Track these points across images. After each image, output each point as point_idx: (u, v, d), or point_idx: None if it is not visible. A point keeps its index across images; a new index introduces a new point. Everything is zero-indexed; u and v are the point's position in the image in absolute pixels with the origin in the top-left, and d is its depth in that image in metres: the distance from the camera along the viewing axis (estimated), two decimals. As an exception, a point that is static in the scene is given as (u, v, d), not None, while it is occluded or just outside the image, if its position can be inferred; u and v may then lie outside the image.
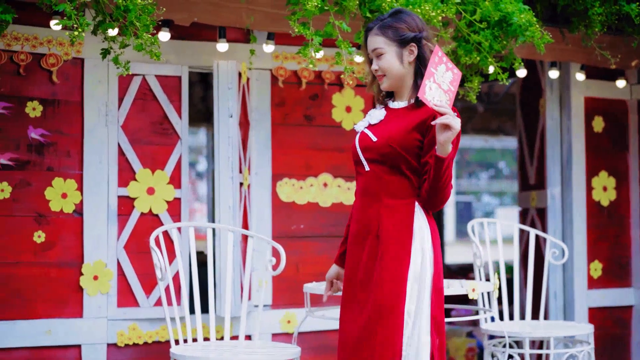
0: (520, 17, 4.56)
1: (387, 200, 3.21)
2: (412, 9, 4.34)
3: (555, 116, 6.35)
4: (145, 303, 4.96)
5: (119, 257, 4.92)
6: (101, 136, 4.88)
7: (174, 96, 5.06)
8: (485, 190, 20.50)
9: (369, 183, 3.25)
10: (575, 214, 6.24)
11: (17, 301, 4.70)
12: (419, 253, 3.17)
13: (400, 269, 3.15)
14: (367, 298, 3.19)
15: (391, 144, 3.17)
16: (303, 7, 4.14)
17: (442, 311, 3.20)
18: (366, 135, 3.26)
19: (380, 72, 3.27)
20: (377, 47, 3.26)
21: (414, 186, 3.20)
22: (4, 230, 4.67)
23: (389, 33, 3.25)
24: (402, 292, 3.14)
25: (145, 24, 3.87)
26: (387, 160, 3.19)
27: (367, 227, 3.23)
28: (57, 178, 4.80)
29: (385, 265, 3.16)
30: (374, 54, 3.27)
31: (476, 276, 5.02)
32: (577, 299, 6.21)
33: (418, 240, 3.18)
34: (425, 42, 3.25)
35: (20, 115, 4.73)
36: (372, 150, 3.23)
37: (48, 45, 4.76)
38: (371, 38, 3.28)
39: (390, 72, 3.25)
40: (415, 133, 3.15)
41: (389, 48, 3.25)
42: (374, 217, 3.22)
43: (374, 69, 3.27)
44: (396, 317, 3.12)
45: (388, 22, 3.27)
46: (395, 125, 3.21)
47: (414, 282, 3.16)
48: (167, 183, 5.01)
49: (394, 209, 3.20)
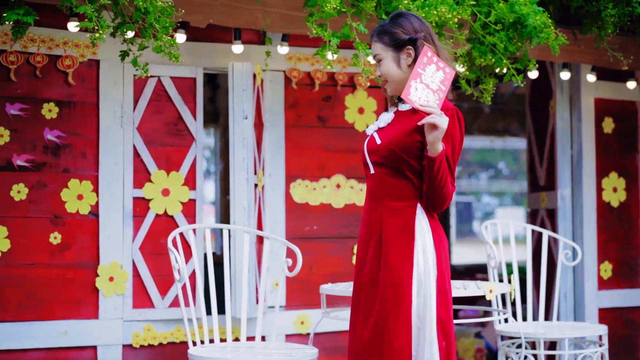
0: (536, 18, 4.57)
1: (390, 203, 3.21)
2: (428, 10, 4.35)
3: (565, 117, 6.36)
4: (161, 304, 4.97)
5: (134, 258, 4.93)
6: (116, 138, 4.89)
7: (189, 97, 5.08)
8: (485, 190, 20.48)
9: (374, 185, 3.27)
10: (586, 215, 6.25)
11: (33, 302, 4.71)
12: (421, 255, 3.17)
13: (403, 272, 3.15)
14: (373, 302, 3.20)
15: (392, 147, 3.18)
16: (321, 9, 4.16)
17: (449, 313, 3.20)
18: (373, 139, 3.28)
19: (382, 77, 3.29)
20: (376, 53, 3.28)
21: (417, 188, 3.20)
22: (20, 231, 4.68)
23: (385, 39, 3.26)
24: (407, 295, 3.14)
25: (164, 25, 3.88)
26: (389, 162, 3.20)
27: (371, 230, 3.25)
28: (73, 179, 4.81)
29: (388, 268, 3.17)
30: (375, 60, 3.30)
31: (490, 277, 5.03)
32: (587, 300, 6.22)
33: (420, 242, 3.17)
34: (422, 43, 3.23)
35: (37, 116, 4.74)
36: (377, 153, 3.24)
37: (64, 47, 4.77)
38: (373, 45, 3.31)
39: (389, 77, 3.26)
40: (416, 134, 3.14)
41: (386, 54, 3.26)
42: (377, 219, 3.23)
43: (377, 75, 3.29)
44: (403, 320, 3.13)
45: (385, 28, 3.28)
46: (398, 127, 3.22)
47: (419, 285, 3.16)
48: (181, 184, 5.03)
49: (397, 211, 3.21)
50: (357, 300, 3.29)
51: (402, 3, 4.36)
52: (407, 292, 3.14)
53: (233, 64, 4.98)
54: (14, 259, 4.67)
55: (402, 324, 3.12)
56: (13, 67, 4.66)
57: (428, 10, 4.37)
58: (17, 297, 4.67)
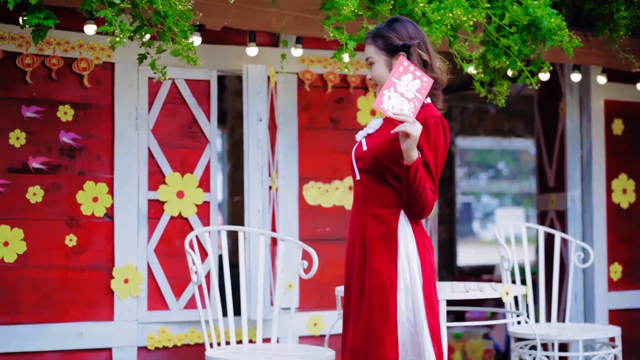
0: (550, 21, 4.59)
1: (374, 209, 3.22)
2: (444, 13, 4.37)
3: (575, 119, 6.37)
4: (175, 306, 4.98)
5: (149, 260, 4.94)
6: (131, 140, 4.90)
7: (203, 100, 5.09)
8: (484, 191, 20.49)
9: (360, 192, 3.28)
10: (596, 217, 6.26)
11: (49, 304, 4.72)
12: (405, 262, 3.17)
13: (388, 278, 3.16)
14: (361, 307, 3.21)
15: (376, 154, 3.19)
16: (337, 12, 4.17)
17: (437, 319, 3.21)
18: (361, 145, 3.29)
19: (372, 81, 3.29)
20: (369, 56, 3.28)
21: (400, 195, 3.19)
22: (36, 233, 4.69)
23: (379, 42, 3.27)
24: (392, 300, 3.15)
25: (183, 29, 3.89)
26: (374, 169, 3.21)
27: (356, 236, 3.26)
28: (89, 182, 4.82)
29: (372, 274, 3.18)
30: (368, 62, 3.29)
31: (504, 279, 5.03)
32: (598, 301, 6.24)
33: (403, 249, 3.18)
34: (415, 50, 3.24)
35: (52, 119, 4.75)
36: (363, 159, 3.25)
37: (79, 50, 4.78)
38: (366, 47, 3.30)
39: (380, 81, 3.26)
40: (399, 142, 3.13)
41: (379, 57, 3.26)
42: (361, 225, 3.24)
43: (368, 78, 3.30)
44: (388, 326, 3.14)
45: (380, 32, 3.28)
46: (383, 134, 3.22)
47: (407, 291, 3.16)
48: (196, 186, 5.04)
49: (380, 217, 3.21)
50: (348, 305, 3.32)
51: (417, 6, 4.37)
52: (392, 297, 3.15)
53: (247, 67, 4.99)
54: (30, 261, 4.68)
55: (387, 329, 3.13)
56: (29, 69, 4.67)
57: (443, 13, 4.38)
58: (33, 299, 4.68)
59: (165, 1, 3.79)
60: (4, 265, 4.62)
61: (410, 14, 4.41)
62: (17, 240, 4.64)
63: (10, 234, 4.63)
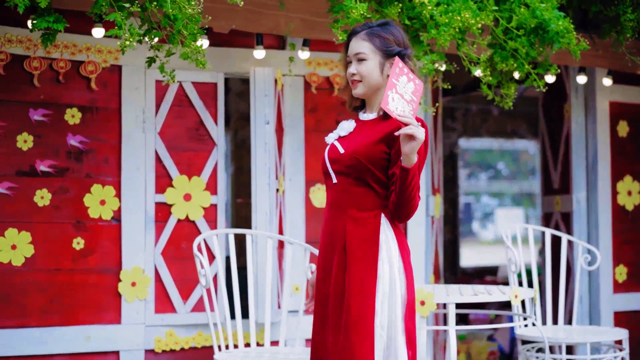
0: (558, 24, 4.59)
1: (354, 213, 3.19)
2: (452, 16, 4.36)
3: (580, 121, 6.37)
4: (182, 309, 4.98)
5: (156, 263, 4.93)
6: (138, 143, 4.90)
7: (210, 102, 5.08)
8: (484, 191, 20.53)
9: (336, 195, 3.23)
10: (601, 219, 6.27)
11: (57, 307, 4.71)
12: (386, 266, 3.15)
13: (367, 283, 3.13)
14: (340, 312, 3.17)
15: (357, 156, 3.15)
16: (346, 15, 4.16)
17: (414, 324, 3.20)
18: (335, 148, 3.25)
19: (357, 77, 3.23)
20: (361, 51, 3.22)
21: (381, 198, 3.18)
22: (44, 237, 4.69)
23: (376, 41, 3.23)
24: (370, 306, 3.12)
25: (192, 32, 3.88)
26: (353, 172, 3.17)
27: (334, 240, 3.22)
28: (96, 185, 4.81)
29: (352, 279, 3.15)
30: (355, 57, 3.23)
31: (511, 282, 5.04)
32: (603, 303, 6.24)
33: (385, 253, 3.16)
34: (407, 60, 3.24)
35: (60, 122, 4.74)
36: (339, 162, 3.21)
37: (87, 53, 4.78)
38: (356, 42, 3.24)
39: (368, 79, 3.22)
40: (382, 145, 3.12)
41: (374, 56, 3.22)
42: (340, 229, 3.20)
43: (351, 72, 3.23)
44: (366, 332, 3.11)
45: (376, 31, 3.25)
46: (362, 137, 3.20)
47: (384, 296, 3.13)
48: (203, 189, 5.03)
49: (360, 221, 3.18)
50: (323, 312, 3.24)
51: (425, 8, 4.37)
52: (371, 302, 3.13)
53: (255, 70, 4.99)
54: (38, 265, 4.67)
55: (364, 334, 3.10)
56: (36, 72, 4.67)
57: (452, 16, 4.38)
58: (41, 303, 4.68)
59: (174, 4, 3.78)
60: (12, 269, 4.62)
61: (418, 16, 4.41)
62: (25, 244, 4.64)
63: (17, 237, 4.62)
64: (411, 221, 5.56)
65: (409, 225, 5.56)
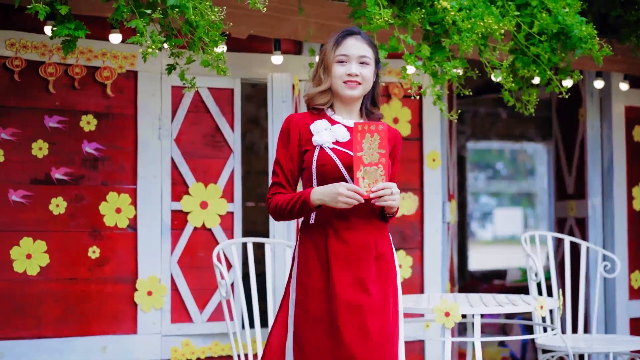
0: (581, 29, 4.52)
1: (377, 223, 3.21)
2: (475, 22, 4.30)
3: (595, 125, 6.31)
4: (199, 318, 4.91)
5: (173, 272, 4.86)
6: (155, 150, 4.82)
7: (227, 108, 5.01)
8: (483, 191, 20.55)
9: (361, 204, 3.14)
10: (617, 224, 6.21)
11: (72, 317, 4.64)
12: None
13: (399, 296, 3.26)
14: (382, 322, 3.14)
15: None
16: (369, 21, 4.10)
17: None
18: (346, 154, 3.18)
19: (359, 78, 3.20)
20: (366, 55, 3.22)
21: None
22: (59, 246, 4.62)
23: (374, 50, 3.27)
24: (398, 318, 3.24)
25: (213, 39, 3.81)
26: None
27: (366, 249, 3.17)
28: (112, 192, 4.74)
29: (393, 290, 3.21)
30: (359, 59, 3.20)
31: (532, 291, 4.97)
32: (619, 310, 6.18)
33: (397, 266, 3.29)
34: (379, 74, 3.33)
35: (75, 129, 4.67)
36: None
37: (102, 59, 4.70)
38: (360, 44, 3.22)
39: (366, 84, 3.23)
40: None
41: (372, 63, 3.24)
42: (371, 238, 3.18)
43: (354, 72, 3.18)
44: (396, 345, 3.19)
45: (370, 41, 3.27)
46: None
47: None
48: (220, 197, 4.96)
49: (383, 231, 3.23)
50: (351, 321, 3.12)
51: (448, 14, 4.30)
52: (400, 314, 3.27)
53: (272, 75, 4.92)
54: (53, 274, 4.60)
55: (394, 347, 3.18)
56: (52, 78, 4.59)
57: (474, 22, 4.32)
58: (56, 313, 4.61)
59: (196, 11, 3.71)
60: (27, 278, 4.55)
61: (441, 22, 4.35)
62: (40, 253, 4.57)
63: (33, 246, 4.55)
64: (427, 229, 5.50)
65: (425, 232, 5.50)
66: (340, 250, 3.16)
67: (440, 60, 4.40)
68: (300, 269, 3.20)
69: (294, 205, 3.13)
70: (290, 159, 3.21)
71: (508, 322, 4.98)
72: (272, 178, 3.26)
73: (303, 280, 3.18)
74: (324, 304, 3.13)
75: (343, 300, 3.12)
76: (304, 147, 3.20)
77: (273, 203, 3.20)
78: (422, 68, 4.36)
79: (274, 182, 3.24)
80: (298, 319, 3.16)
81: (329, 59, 3.21)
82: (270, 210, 3.23)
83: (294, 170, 3.22)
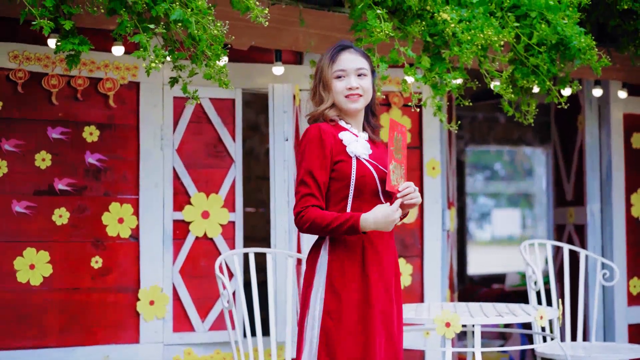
0: (580, 40, 4.56)
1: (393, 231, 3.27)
2: (474, 33, 4.33)
3: (594, 133, 6.35)
4: (201, 327, 4.94)
5: (174, 281, 4.89)
6: (156, 160, 4.86)
7: (228, 119, 5.05)
8: (481, 192, 20.57)
9: None
10: (615, 231, 6.24)
11: (76, 327, 4.67)
12: None
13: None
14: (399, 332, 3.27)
15: None
16: (369, 34, 4.13)
17: None
18: (377, 166, 3.22)
19: (360, 90, 3.22)
20: (363, 67, 3.24)
21: None
22: (62, 256, 4.65)
23: (368, 60, 3.28)
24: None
25: (216, 53, 3.84)
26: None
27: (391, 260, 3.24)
28: (114, 203, 4.77)
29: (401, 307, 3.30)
30: (356, 72, 3.22)
31: (531, 300, 5.00)
32: (617, 316, 6.21)
33: None
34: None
35: (78, 140, 4.70)
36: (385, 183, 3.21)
37: (105, 70, 4.74)
38: (355, 57, 3.24)
39: (367, 95, 3.25)
40: None
41: (369, 74, 3.27)
42: (394, 248, 3.26)
43: (354, 85, 3.21)
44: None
45: (363, 51, 3.30)
46: (383, 162, 3.23)
47: None
48: (221, 206, 4.99)
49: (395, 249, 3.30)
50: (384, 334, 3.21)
51: (448, 26, 4.33)
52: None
53: (273, 86, 4.95)
54: (56, 284, 4.64)
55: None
56: (55, 90, 4.62)
57: (474, 33, 4.35)
58: (59, 322, 4.64)
59: (199, 25, 3.74)
60: (30, 289, 4.58)
61: (441, 34, 4.38)
62: (43, 263, 4.60)
63: (36, 256, 4.58)
64: (427, 237, 5.53)
65: (425, 240, 5.53)
66: (375, 261, 3.19)
67: (441, 71, 4.43)
68: (334, 280, 3.14)
69: (339, 228, 3.07)
70: (324, 169, 3.14)
71: (507, 331, 5.01)
72: (302, 189, 3.12)
73: (337, 291, 3.13)
74: (359, 314, 3.14)
75: (379, 310, 3.18)
76: (336, 158, 3.15)
77: (308, 218, 3.09)
78: (423, 80, 4.39)
79: (305, 193, 3.12)
80: (330, 330, 3.13)
81: (327, 76, 3.22)
82: (301, 223, 3.11)
83: (326, 181, 3.15)
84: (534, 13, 4.61)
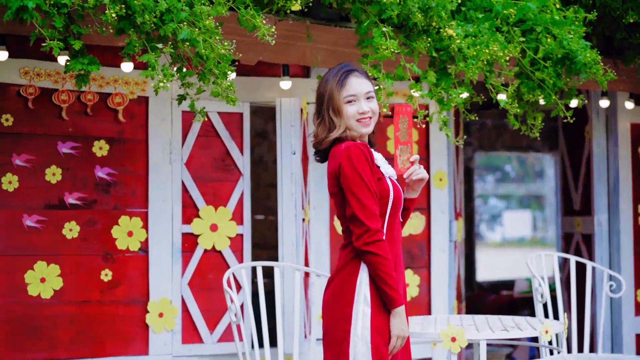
0: (586, 55, 4.58)
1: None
2: (480, 49, 4.36)
3: (602, 143, 6.37)
4: (209, 339, 4.99)
5: (183, 294, 4.94)
6: (165, 174, 4.91)
7: (236, 132, 5.09)
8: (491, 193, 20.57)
9: (399, 235, 3.28)
10: (622, 241, 6.26)
11: (86, 339, 4.72)
12: None
13: None
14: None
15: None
16: (375, 51, 4.17)
17: None
18: (397, 186, 3.28)
19: (370, 113, 3.24)
20: (370, 90, 3.27)
21: None
22: (72, 269, 4.70)
23: (371, 81, 3.32)
24: None
25: (223, 71, 3.89)
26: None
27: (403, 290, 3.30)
28: (123, 216, 4.82)
29: None
30: (366, 96, 3.24)
31: (537, 313, 5.02)
32: (625, 326, 6.23)
33: None
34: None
35: (88, 154, 4.75)
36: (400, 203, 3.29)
37: (114, 85, 4.79)
38: (362, 81, 3.26)
39: (376, 116, 3.27)
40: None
41: (374, 94, 3.29)
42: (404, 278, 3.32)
43: (366, 110, 3.23)
44: None
45: (366, 72, 3.33)
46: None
47: None
48: (229, 219, 5.04)
49: None
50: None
51: (454, 42, 4.37)
52: None
53: (281, 100, 5.00)
54: (67, 297, 4.69)
55: None
56: (65, 105, 4.68)
57: (480, 49, 4.38)
58: (70, 335, 4.69)
59: (206, 44, 3.79)
60: (41, 302, 4.63)
61: (447, 49, 4.41)
62: (54, 277, 4.66)
63: (46, 270, 4.64)
64: (435, 248, 5.57)
65: (432, 252, 5.57)
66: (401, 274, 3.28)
67: (447, 86, 4.46)
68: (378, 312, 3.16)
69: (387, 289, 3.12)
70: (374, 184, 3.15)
71: (514, 343, 5.04)
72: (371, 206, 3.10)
73: (382, 308, 3.17)
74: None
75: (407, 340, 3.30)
76: (376, 176, 3.18)
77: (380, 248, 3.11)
78: (429, 95, 4.42)
79: (373, 212, 3.11)
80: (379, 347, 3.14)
81: (338, 101, 3.20)
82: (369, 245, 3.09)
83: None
84: (540, 28, 4.65)
